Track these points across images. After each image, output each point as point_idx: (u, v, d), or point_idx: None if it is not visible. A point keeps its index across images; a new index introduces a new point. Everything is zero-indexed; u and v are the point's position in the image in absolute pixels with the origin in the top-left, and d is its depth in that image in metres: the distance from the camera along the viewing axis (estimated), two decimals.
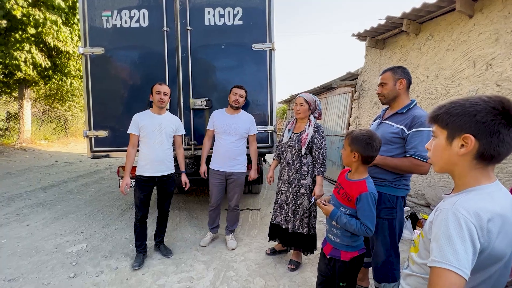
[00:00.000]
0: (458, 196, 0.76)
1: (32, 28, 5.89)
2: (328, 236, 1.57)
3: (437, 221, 0.73)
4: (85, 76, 3.06)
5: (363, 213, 1.38)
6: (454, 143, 0.75)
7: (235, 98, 2.64)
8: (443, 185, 3.17)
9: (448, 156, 0.77)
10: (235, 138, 2.67)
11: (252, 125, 2.78)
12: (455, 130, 0.75)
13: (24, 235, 2.94)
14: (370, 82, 4.75)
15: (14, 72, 7.04)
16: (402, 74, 1.67)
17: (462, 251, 0.66)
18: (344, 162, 1.51)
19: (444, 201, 0.80)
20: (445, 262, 0.66)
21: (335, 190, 1.57)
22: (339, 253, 1.50)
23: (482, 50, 2.75)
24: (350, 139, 1.43)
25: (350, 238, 1.48)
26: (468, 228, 0.67)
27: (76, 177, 5.73)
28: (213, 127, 2.72)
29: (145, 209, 2.46)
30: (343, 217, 1.42)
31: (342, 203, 1.48)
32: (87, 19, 3.01)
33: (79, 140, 11.52)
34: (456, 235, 0.67)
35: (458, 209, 0.70)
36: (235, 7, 3.01)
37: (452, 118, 0.75)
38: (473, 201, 0.72)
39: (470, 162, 0.75)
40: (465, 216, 0.68)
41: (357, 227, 1.38)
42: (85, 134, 3.11)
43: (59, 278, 2.20)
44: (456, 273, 0.65)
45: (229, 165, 2.69)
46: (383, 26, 3.87)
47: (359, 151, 1.40)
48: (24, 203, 3.93)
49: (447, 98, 3.18)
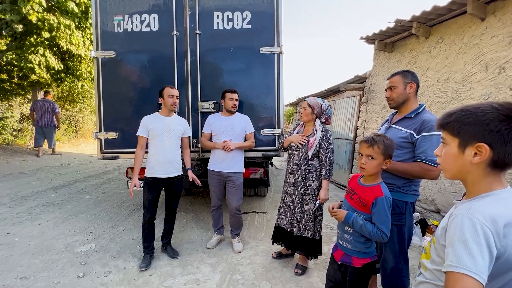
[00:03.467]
0: (472, 201, 0.75)
1: (47, 32, 6.07)
2: (340, 242, 1.55)
3: (452, 227, 0.72)
4: (97, 79, 3.14)
5: (379, 218, 1.36)
6: (467, 151, 0.74)
7: (232, 103, 2.69)
8: (453, 190, 3.10)
9: (461, 164, 0.77)
10: (232, 138, 2.69)
11: (248, 124, 2.81)
12: (467, 138, 0.74)
13: (35, 234, 3.00)
14: (379, 85, 4.70)
15: (28, 74, 7.26)
16: (412, 78, 1.66)
17: (479, 256, 0.65)
18: (372, 172, 1.43)
19: (457, 207, 0.79)
20: (462, 267, 0.65)
21: (348, 196, 1.55)
22: (350, 259, 1.47)
23: (494, 54, 2.70)
24: (384, 148, 1.39)
25: (363, 244, 1.45)
26: (485, 233, 0.66)
27: (86, 177, 5.84)
28: (210, 130, 2.76)
29: (153, 211, 2.49)
30: (359, 220, 1.40)
31: (356, 208, 1.46)
32: (100, 24, 3.08)
33: (89, 141, 11.75)
34: (472, 240, 0.66)
35: (474, 214, 0.69)
36: (243, 11, 3.04)
37: (464, 126, 0.74)
38: (488, 206, 0.71)
39: (483, 170, 0.74)
40: (481, 221, 0.67)
41: (373, 231, 1.36)
42: (96, 136, 3.17)
43: (69, 277, 2.24)
44: (473, 278, 0.63)
45: (227, 166, 2.70)
46: (392, 29, 3.84)
47: (391, 157, 1.42)
48: (36, 203, 4.02)
49: (458, 101, 3.12)
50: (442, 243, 0.77)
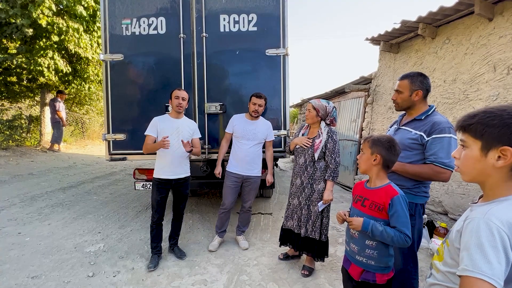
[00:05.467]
0: (489, 205, 0.74)
1: (56, 36, 6.19)
2: (358, 259, 1.38)
3: (468, 230, 0.72)
4: (105, 81, 3.19)
5: (398, 219, 1.25)
6: (490, 154, 0.73)
7: (254, 108, 2.67)
8: (461, 192, 3.07)
9: (482, 167, 0.75)
10: (253, 143, 2.72)
11: (270, 131, 2.83)
12: (491, 141, 0.72)
13: (46, 234, 3.06)
14: (384, 86, 4.68)
15: (37, 77, 7.40)
16: (420, 85, 1.62)
17: (495, 261, 0.64)
18: (363, 168, 1.40)
19: (472, 210, 0.79)
20: (478, 272, 0.65)
21: (358, 204, 1.42)
22: (374, 277, 1.33)
23: (503, 54, 2.67)
24: (371, 141, 1.36)
25: (388, 258, 1.33)
26: (501, 238, 0.66)
27: (93, 178, 5.92)
28: (233, 131, 2.78)
29: (161, 211, 2.52)
30: (378, 226, 1.27)
31: (372, 215, 1.33)
32: (108, 27, 3.14)
33: (96, 143, 11.90)
34: (489, 245, 0.66)
35: (491, 218, 0.69)
36: (249, 14, 3.06)
37: (489, 129, 0.72)
38: (506, 211, 0.70)
39: (506, 174, 0.73)
40: (498, 226, 0.67)
41: (396, 235, 1.23)
42: (104, 137, 3.22)
43: (79, 277, 2.28)
44: (489, 283, 0.63)
45: (247, 168, 2.74)
46: (398, 30, 3.83)
47: (381, 153, 1.32)
48: (45, 203, 4.09)
49: (465, 102, 3.10)
50: (456, 246, 0.76)
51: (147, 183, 3.21)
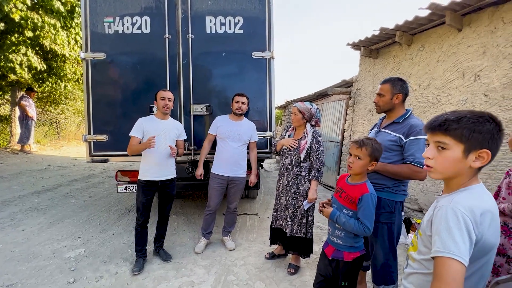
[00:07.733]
0: (453, 195, 0.85)
1: (30, 31, 5.85)
2: (331, 239, 1.65)
3: (437, 217, 0.82)
4: (86, 80, 3.08)
5: (363, 212, 1.48)
6: (470, 156, 0.82)
7: (238, 105, 2.71)
8: (435, 190, 3.28)
9: (460, 167, 0.84)
10: (238, 144, 2.74)
11: (254, 132, 2.86)
12: (475, 145, 0.81)
13: (20, 240, 2.90)
14: (364, 90, 4.89)
15: (7, 74, 6.95)
16: (400, 89, 1.75)
17: (461, 241, 0.74)
18: (357, 172, 1.54)
19: (438, 201, 0.89)
20: (447, 251, 0.75)
21: (337, 194, 1.67)
22: (342, 254, 1.58)
23: (470, 62, 2.90)
24: (371, 149, 1.50)
25: (353, 239, 1.57)
26: (465, 222, 0.76)
27: (70, 181, 5.65)
28: (216, 132, 2.78)
29: (147, 214, 2.48)
30: (341, 217, 1.54)
31: (344, 205, 1.58)
32: (89, 25, 3.04)
33: (72, 144, 11.34)
34: (455, 228, 0.76)
35: (456, 205, 0.79)
36: (235, 16, 3.10)
37: (474, 134, 0.81)
38: (467, 199, 0.81)
39: (474, 171, 0.84)
40: (462, 211, 0.78)
41: (356, 226, 1.48)
42: (84, 138, 3.11)
43: (59, 284, 2.19)
44: (457, 260, 0.73)
45: (232, 170, 2.75)
46: (377, 37, 4.02)
47: (378, 160, 1.54)
48: (18, 208, 3.86)
49: (438, 106, 3.32)
50: (428, 233, 0.86)
51: (130, 185, 3.13)
